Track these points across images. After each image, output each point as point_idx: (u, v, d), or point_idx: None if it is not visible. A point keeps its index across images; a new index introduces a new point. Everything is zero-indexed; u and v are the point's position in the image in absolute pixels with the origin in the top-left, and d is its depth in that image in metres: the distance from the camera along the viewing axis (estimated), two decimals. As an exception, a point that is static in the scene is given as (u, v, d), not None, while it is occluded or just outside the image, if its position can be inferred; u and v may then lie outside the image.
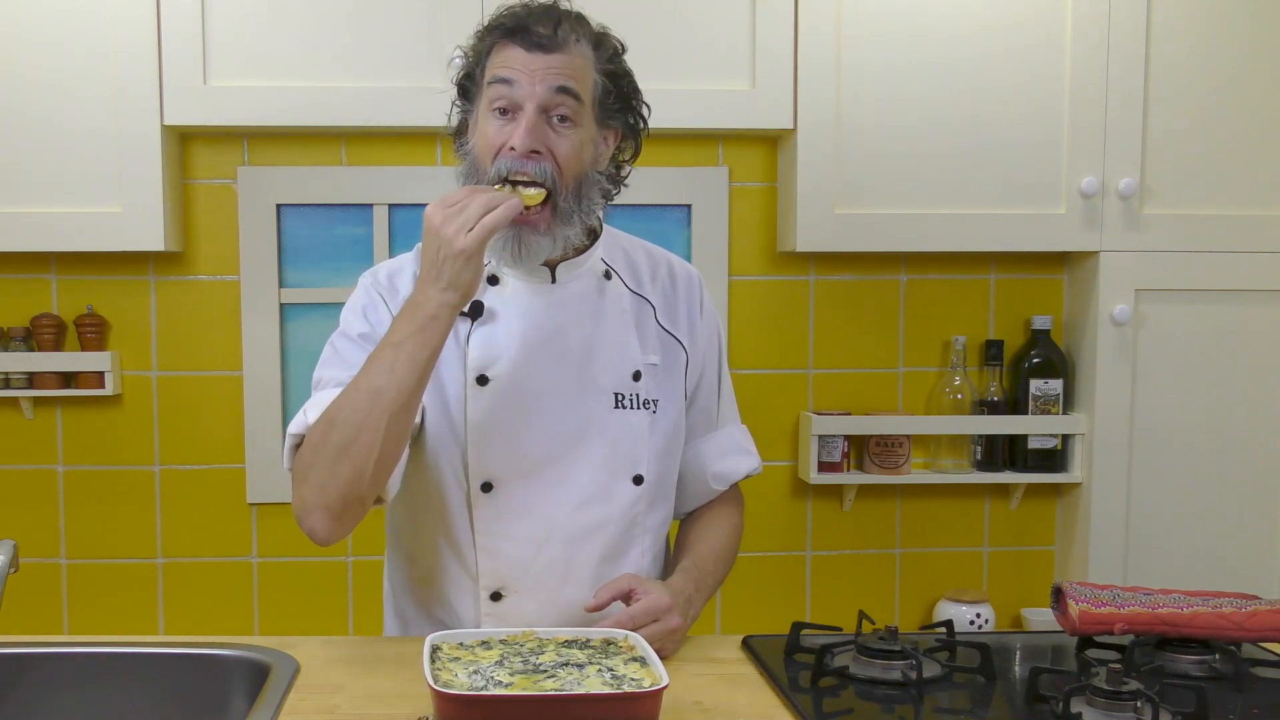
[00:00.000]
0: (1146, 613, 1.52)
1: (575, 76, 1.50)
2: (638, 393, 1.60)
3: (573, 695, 1.18)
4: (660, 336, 1.65)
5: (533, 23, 1.49)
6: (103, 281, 2.44)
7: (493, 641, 1.35)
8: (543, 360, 1.57)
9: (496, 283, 1.60)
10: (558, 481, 1.57)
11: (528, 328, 1.57)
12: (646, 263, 1.69)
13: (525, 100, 1.48)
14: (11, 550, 1.43)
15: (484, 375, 1.56)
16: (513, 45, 1.50)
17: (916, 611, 2.61)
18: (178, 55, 2.22)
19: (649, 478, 1.61)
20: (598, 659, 1.30)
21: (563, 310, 1.59)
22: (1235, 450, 2.44)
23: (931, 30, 2.32)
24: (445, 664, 1.27)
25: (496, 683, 1.22)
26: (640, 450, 1.60)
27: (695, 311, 1.69)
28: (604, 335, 1.60)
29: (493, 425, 1.56)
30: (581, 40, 1.52)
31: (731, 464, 1.74)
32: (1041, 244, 2.39)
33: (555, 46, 1.49)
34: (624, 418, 1.59)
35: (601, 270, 1.63)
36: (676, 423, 1.66)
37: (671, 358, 1.65)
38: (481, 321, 1.57)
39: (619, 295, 1.63)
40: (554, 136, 1.49)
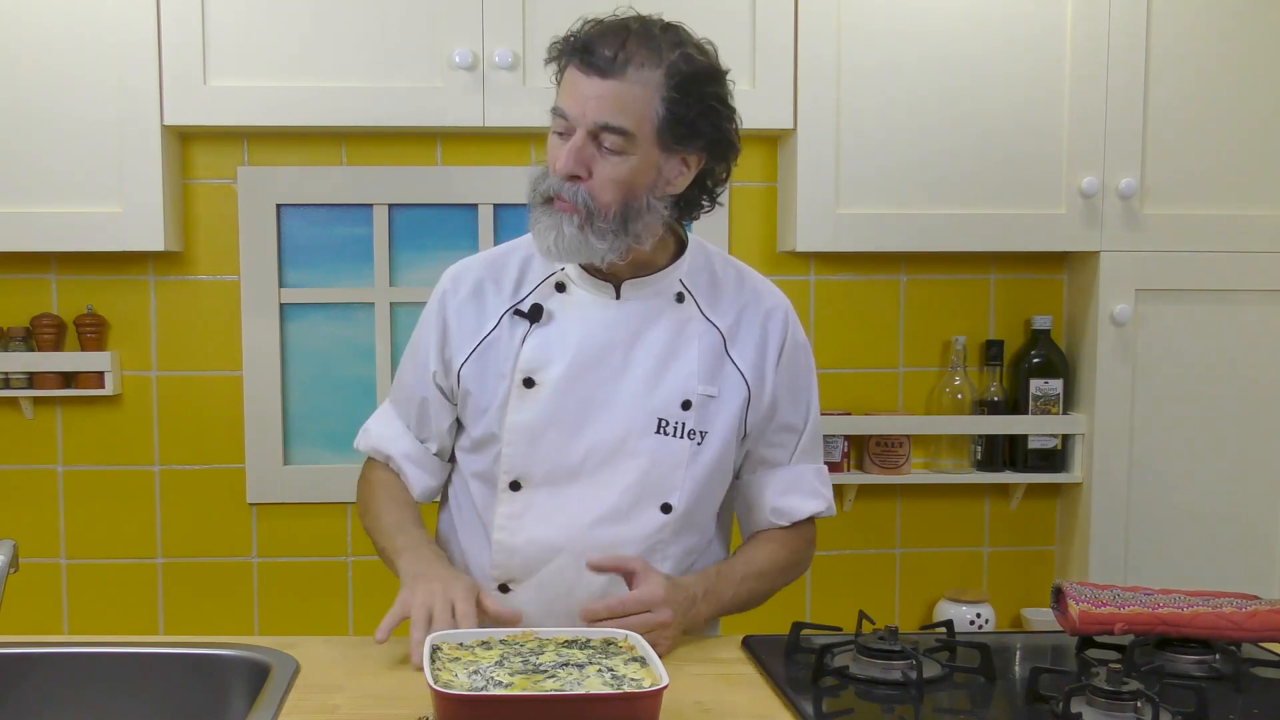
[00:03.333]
0: (1146, 613, 1.52)
1: (626, 109, 1.47)
2: (684, 421, 1.58)
3: (572, 695, 1.18)
4: (725, 367, 1.62)
5: (597, 43, 1.48)
6: (103, 281, 2.44)
7: (493, 642, 1.35)
8: (592, 373, 1.57)
9: (563, 289, 1.61)
10: (584, 494, 1.57)
11: (583, 339, 1.58)
12: (734, 287, 1.66)
13: (575, 123, 1.49)
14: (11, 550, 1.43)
15: (531, 378, 1.57)
16: (575, 67, 1.49)
17: (916, 611, 2.61)
18: (178, 55, 2.22)
19: (678, 507, 1.59)
20: (598, 659, 1.30)
21: (621, 327, 1.59)
22: (1235, 450, 2.44)
23: (931, 30, 2.32)
24: (445, 664, 1.27)
25: (496, 683, 1.22)
26: (674, 479, 1.59)
27: (774, 343, 1.65)
28: (660, 358, 1.59)
29: (531, 428, 1.58)
30: (646, 66, 1.48)
31: (795, 502, 1.68)
32: (1041, 244, 2.39)
33: (612, 72, 1.47)
34: (664, 444, 1.58)
35: (675, 292, 1.61)
36: (723, 457, 1.62)
37: (732, 390, 1.61)
38: (539, 325, 1.59)
39: (688, 319, 1.61)
40: (599, 162, 1.49)
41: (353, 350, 2.48)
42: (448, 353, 1.64)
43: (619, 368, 1.58)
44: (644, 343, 1.59)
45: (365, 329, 2.47)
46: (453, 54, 2.22)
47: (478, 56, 2.23)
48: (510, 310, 1.61)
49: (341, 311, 2.47)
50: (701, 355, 1.60)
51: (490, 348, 1.61)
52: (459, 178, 2.46)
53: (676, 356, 1.59)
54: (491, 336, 1.61)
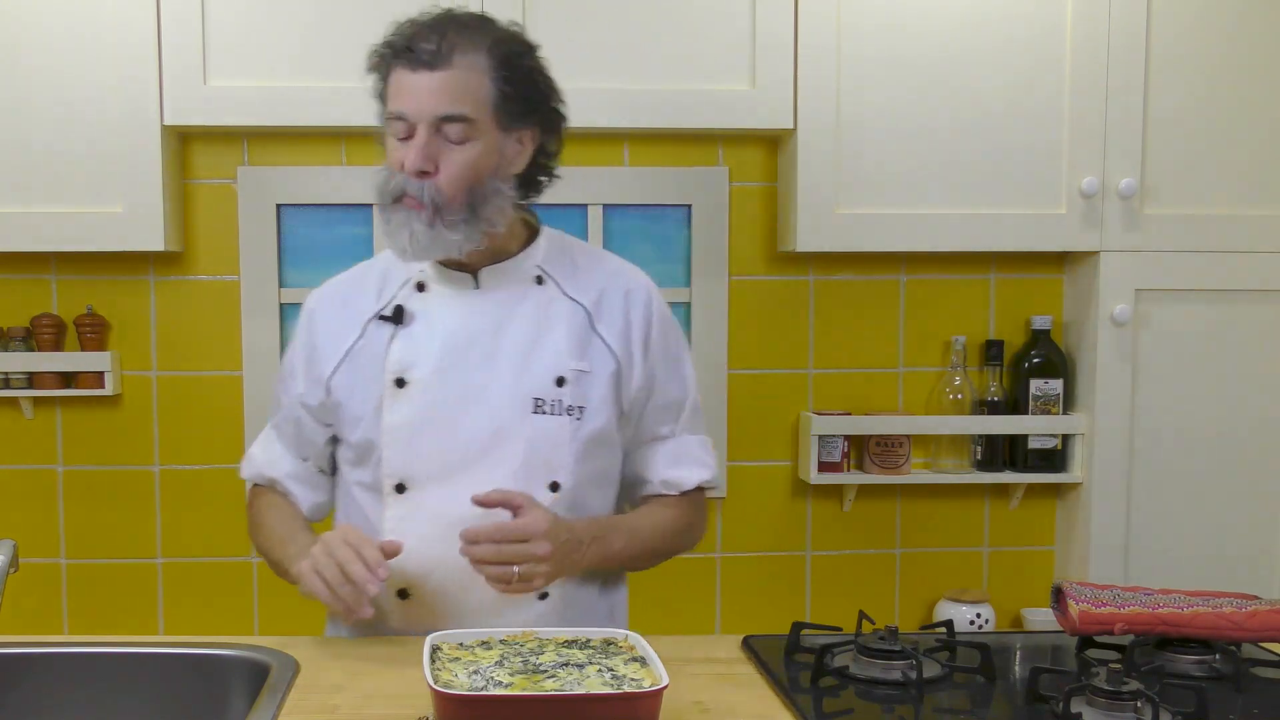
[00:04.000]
0: (1146, 613, 1.52)
1: (463, 96, 1.51)
2: (560, 398, 1.60)
3: (572, 695, 1.18)
4: (593, 342, 1.64)
5: (418, 40, 1.51)
6: (103, 281, 2.44)
7: (492, 641, 1.35)
8: (461, 365, 1.59)
9: (423, 289, 1.63)
10: (471, 486, 1.56)
11: (448, 333, 1.60)
12: (592, 269, 1.69)
13: (416, 121, 1.52)
14: (11, 550, 1.43)
15: (402, 378, 1.59)
16: (401, 68, 1.52)
17: (916, 611, 2.61)
18: (178, 55, 2.22)
19: (566, 485, 1.60)
20: (598, 659, 1.30)
21: (484, 315, 1.61)
22: (1235, 450, 2.44)
23: (931, 30, 2.32)
24: (445, 664, 1.27)
25: (496, 683, 1.22)
26: (559, 457, 1.60)
27: (639, 320, 1.67)
28: (528, 340, 1.60)
29: (409, 428, 1.59)
30: (470, 51, 1.52)
31: (684, 472, 1.71)
32: (1041, 244, 2.39)
33: (440, 63, 1.50)
34: (543, 423, 1.59)
35: (533, 275, 1.64)
36: (604, 430, 1.64)
37: (602, 365, 1.63)
38: (403, 326, 1.61)
39: (550, 300, 1.63)
40: (445, 154, 1.52)
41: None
42: (316, 370, 1.65)
43: (488, 356, 1.59)
44: (510, 328, 1.61)
45: (365, 329, 2.47)
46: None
47: (478, 56, 2.22)
48: (373, 317, 1.63)
49: (341, 311, 2.47)
50: (569, 333, 1.62)
51: (358, 356, 1.63)
52: (459, 178, 2.45)
53: (544, 336, 1.61)
54: (358, 345, 1.63)
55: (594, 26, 2.27)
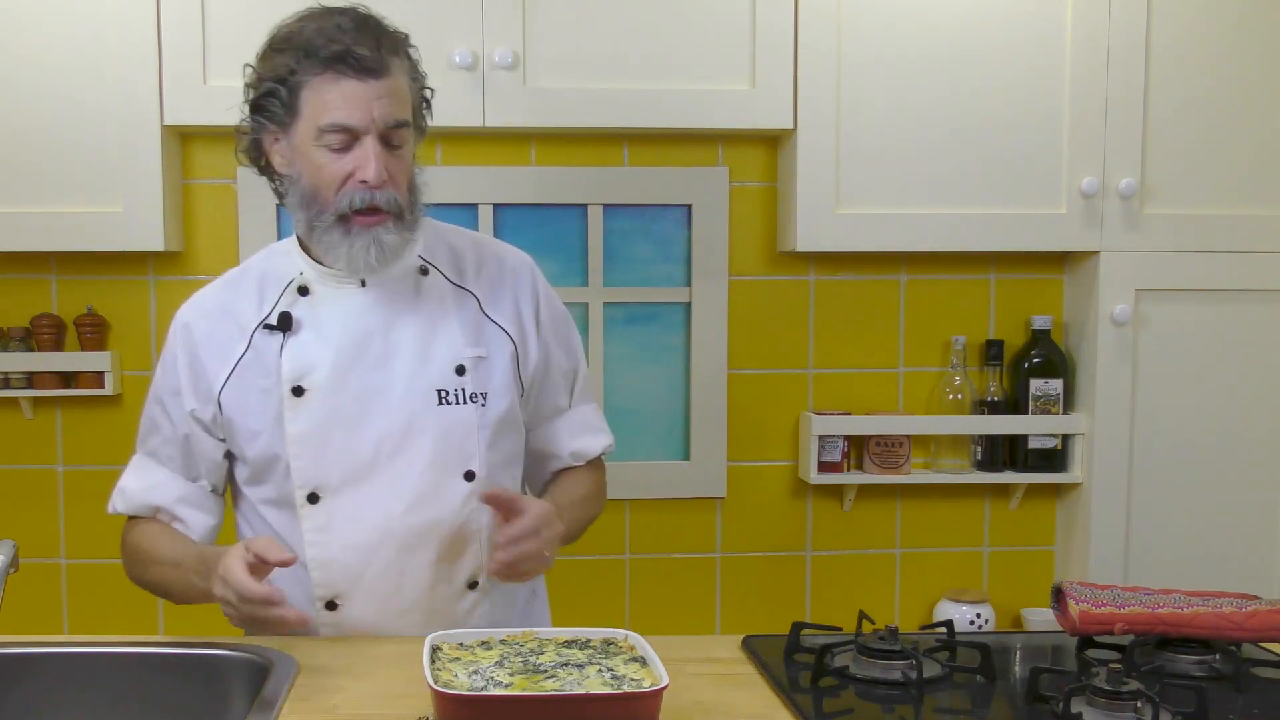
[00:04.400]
0: (1146, 613, 1.52)
1: (403, 101, 1.52)
2: (463, 387, 1.59)
3: (573, 695, 1.18)
4: (486, 328, 1.64)
5: (355, 46, 1.47)
6: (103, 281, 2.44)
7: (492, 641, 1.35)
8: (358, 365, 1.57)
9: (306, 293, 1.60)
10: (386, 486, 1.57)
11: (339, 334, 1.58)
12: (472, 254, 1.69)
13: (364, 131, 1.49)
14: (11, 550, 1.43)
15: (299, 386, 1.57)
16: (340, 77, 1.47)
17: (916, 611, 2.61)
18: (178, 55, 2.22)
19: (480, 473, 1.60)
20: (598, 659, 1.30)
21: (374, 312, 1.59)
22: (1235, 450, 2.44)
23: (931, 31, 2.32)
24: (445, 664, 1.27)
25: (496, 683, 1.22)
26: (470, 445, 1.60)
27: (526, 298, 1.68)
28: (421, 332, 1.59)
29: (313, 435, 1.56)
30: (396, 54, 1.52)
31: (588, 442, 1.74)
32: (1041, 244, 2.39)
33: (383, 70, 1.49)
34: (450, 413, 1.58)
35: (416, 266, 1.63)
36: (508, 413, 1.64)
37: (499, 348, 1.64)
38: (292, 333, 1.58)
39: (437, 290, 1.63)
40: (392, 161, 1.52)
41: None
42: (203, 385, 1.61)
43: (384, 353, 1.58)
44: (402, 322, 1.59)
45: (365, 329, 2.47)
46: (453, 54, 2.22)
47: (478, 56, 2.23)
48: (259, 326, 1.60)
49: (341, 311, 2.47)
50: (461, 321, 1.62)
51: (247, 368, 1.59)
52: (459, 178, 2.45)
53: (437, 327, 1.61)
54: (246, 357, 1.59)
55: (594, 26, 2.27)
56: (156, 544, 1.62)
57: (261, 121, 1.54)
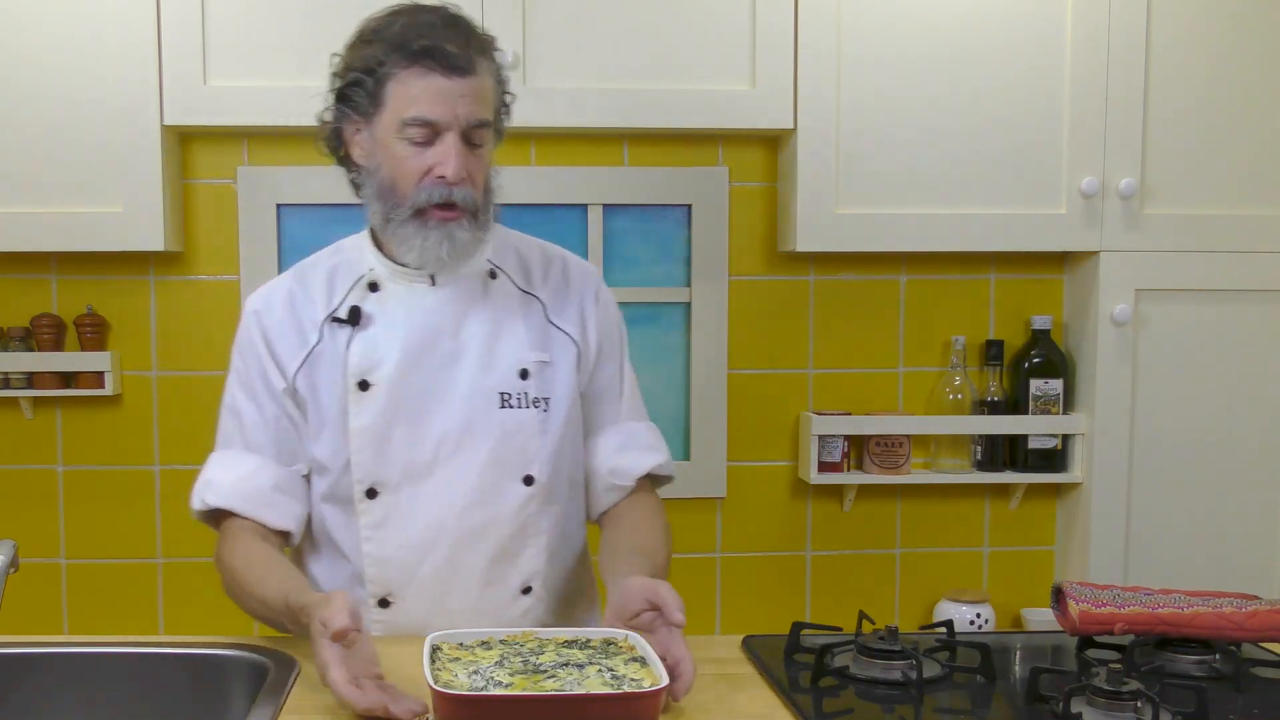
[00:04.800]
0: (1146, 613, 1.52)
1: (487, 101, 1.53)
2: (526, 391, 1.59)
3: (572, 695, 1.18)
4: (551, 333, 1.64)
5: (445, 43, 1.48)
6: (103, 281, 2.44)
7: (492, 641, 1.35)
8: (424, 363, 1.57)
9: (376, 289, 1.60)
10: (444, 484, 1.57)
11: (408, 332, 1.58)
12: (539, 260, 1.69)
13: (446, 128, 1.49)
14: (11, 550, 1.43)
15: (365, 381, 1.57)
16: (427, 72, 1.48)
17: (916, 611, 2.61)
18: (178, 55, 2.22)
19: (540, 478, 1.60)
20: (598, 659, 1.30)
21: (442, 311, 1.59)
22: (1235, 450, 2.44)
23: (931, 31, 2.32)
24: (445, 664, 1.27)
25: (496, 683, 1.22)
26: (530, 450, 1.59)
27: (589, 305, 1.68)
28: (488, 334, 1.59)
29: (375, 430, 1.56)
30: (483, 55, 1.52)
31: (631, 459, 1.68)
32: (1041, 244, 2.39)
33: (470, 69, 1.49)
34: (512, 417, 1.58)
35: (486, 270, 1.63)
36: (570, 420, 1.63)
37: (563, 354, 1.63)
38: (361, 328, 1.58)
39: (505, 294, 1.63)
40: (471, 160, 1.52)
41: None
42: (281, 369, 1.60)
43: (450, 352, 1.58)
44: (469, 323, 1.59)
45: (365, 329, 2.47)
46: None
47: (478, 56, 2.23)
48: (328, 319, 1.60)
49: (341, 311, 2.47)
50: (528, 325, 1.62)
51: (317, 360, 1.59)
52: (459, 178, 2.45)
53: (504, 330, 1.60)
54: (317, 349, 1.59)
55: (594, 26, 2.27)
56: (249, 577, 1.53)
57: (345, 111, 1.55)
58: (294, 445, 1.62)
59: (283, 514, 1.61)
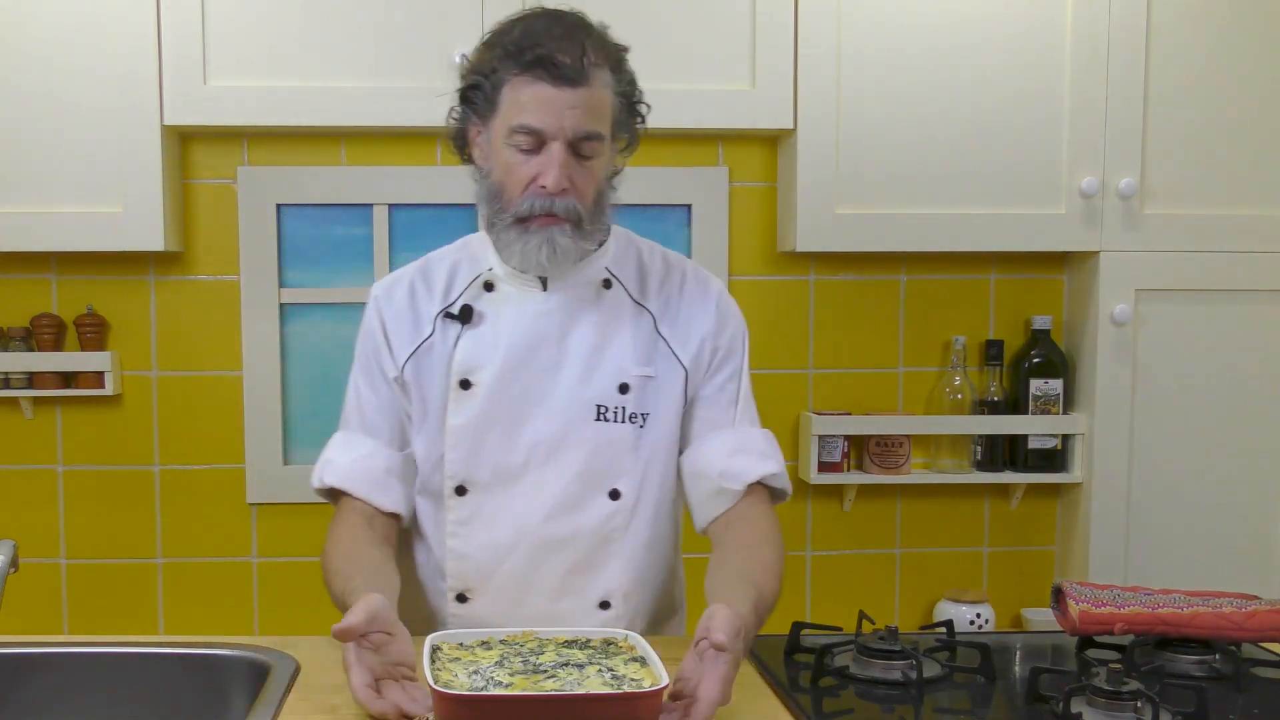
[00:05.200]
0: (1146, 613, 1.52)
1: (599, 114, 1.50)
2: (624, 405, 1.58)
3: (572, 695, 1.18)
4: (658, 347, 1.62)
5: (557, 53, 1.46)
6: (103, 281, 2.44)
7: (492, 642, 1.35)
8: (526, 368, 1.57)
9: (491, 289, 1.60)
10: (531, 490, 1.57)
11: (515, 335, 1.58)
12: (659, 271, 1.66)
13: (552, 138, 1.48)
14: (11, 550, 1.43)
15: (467, 380, 1.57)
16: (536, 80, 1.47)
17: (916, 611, 2.61)
18: (178, 55, 2.22)
19: (627, 493, 1.59)
20: (598, 659, 1.30)
21: (552, 317, 1.59)
22: (1235, 450, 2.44)
23: (931, 31, 2.32)
24: (445, 664, 1.27)
25: (496, 683, 1.22)
26: (621, 464, 1.59)
27: (705, 315, 1.64)
28: (593, 346, 1.59)
29: (471, 429, 1.57)
30: (602, 66, 1.50)
31: (743, 464, 1.61)
32: (1041, 244, 2.39)
33: (581, 80, 1.47)
34: (605, 430, 1.58)
35: (601, 279, 1.62)
36: (666, 437, 1.62)
37: (668, 370, 1.61)
38: (471, 326, 1.59)
39: (617, 304, 1.61)
40: (579, 171, 1.50)
41: (352, 350, 2.46)
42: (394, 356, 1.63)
43: (554, 360, 1.58)
44: (576, 332, 1.59)
45: (365, 329, 2.47)
46: (453, 54, 2.22)
47: (478, 56, 2.23)
48: (441, 313, 1.61)
49: (341, 311, 2.47)
50: (635, 338, 1.60)
51: (426, 353, 1.61)
52: (459, 177, 2.41)
53: (609, 342, 1.59)
54: (427, 342, 1.61)
55: (594, 26, 2.27)
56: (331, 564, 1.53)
57: (467, 112, 1.56)
58: (410, 431, 1.63)
59: (393, 497, 1.62)
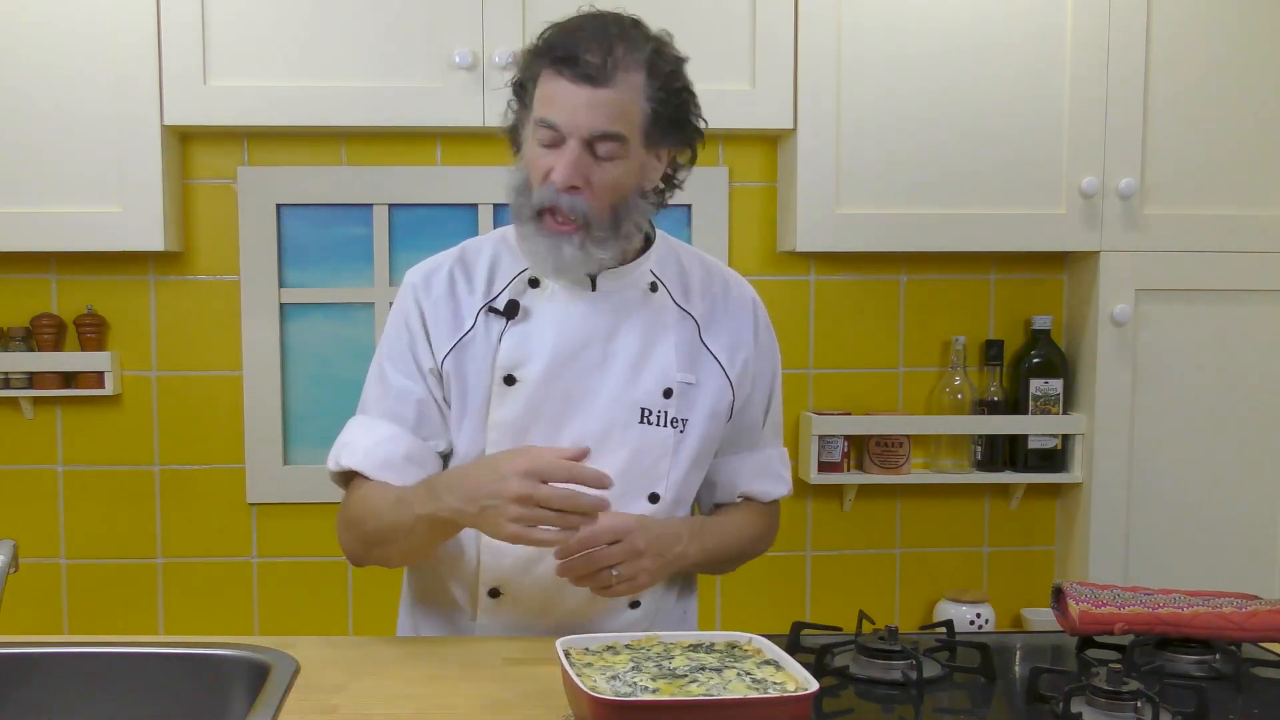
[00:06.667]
0: (1146, 613, 1.52)
1: (621, 115, 1.48)
2: (666, 410, 1.58)
3: (726, 700, 1.17)
4: (701, 354, 1.62)
5: (582, 51, 1.46)
6: (103, 281, 2.44)
7: (618, 646, 1.33)
8: (572, 367, 1.57)
9: (537, 285, 1.60)
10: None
11: (561, 333, 1.57)
12: (700, 277, 1.67)
13: (569, 134, 1.47)
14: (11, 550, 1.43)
15: (512, 375, 1.56)
16: (559, 77, 1.47)
17: (916, 611, 2.61)
18: (178, 55, 2.22)
19: (666, 497, 1.59)
20: (728, 663, 1.28)
21: (599, 319, 1.58)
22: (1235, 450, 2.44)
23: (932, 31, 2.32)
24: (580, 669, 1.25)
25: (642, 688, 1.20)
26: (661, 468, 1.59)
27: (746, 331, 1.66)
28: (639, 348, 1.58)
29: (513, 426, 1.56)
30: (632, 69, 1.48)
31: (764, 487, 1.72)
32: (1041, 244, 2.39)
33: (604, 80, 1.46)
34: (648, 434, 1.58)
35: (648, 282, 1.61)
36: (704, 444, 1.63)
37: (710, 377, 1.62)
38: (516, 322, 1.58)
39: (662, 309, 1.61)
40: (596, 170, 1.49)
41: (353, 350, 2.48)
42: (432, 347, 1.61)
43: (599, 360, 1.57)
44: (622, 334, 1.59)
45: (365, 329, 2.47)
46: (453, 54, 2.22)
47: (478, 56, 2.23)
48: (485, 307, 1.59)
49: (341, 311, 2.47)
50: (679, 343, 1.61)
51: (468, 346, 1.59)
52: (459, 177, 2.46)
53: (655, 346, 1.59)
54: (469, 335, 1.59)
55: (594, 26, 2.27)
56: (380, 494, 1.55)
57: (514, 107, 1.58)
58: (435, 422, 1.60)
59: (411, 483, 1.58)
